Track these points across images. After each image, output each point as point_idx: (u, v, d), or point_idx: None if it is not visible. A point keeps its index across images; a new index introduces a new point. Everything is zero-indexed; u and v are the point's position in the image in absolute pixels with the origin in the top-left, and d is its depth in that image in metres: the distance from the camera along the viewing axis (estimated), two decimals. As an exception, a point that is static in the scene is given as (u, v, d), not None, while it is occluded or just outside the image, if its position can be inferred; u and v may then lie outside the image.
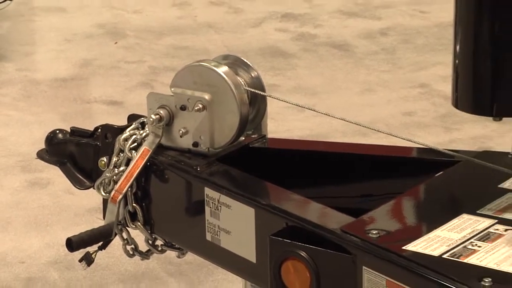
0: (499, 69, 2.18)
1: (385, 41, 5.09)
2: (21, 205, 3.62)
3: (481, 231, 2.18)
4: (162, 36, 5.23)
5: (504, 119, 2.23)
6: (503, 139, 2.32)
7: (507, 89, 2.18)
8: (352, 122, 2.77)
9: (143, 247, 2.71)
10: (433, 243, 2.15)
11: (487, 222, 2.21)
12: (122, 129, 2.67)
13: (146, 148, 2.60)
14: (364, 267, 2.16)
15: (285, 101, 2.85)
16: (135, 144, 2.63)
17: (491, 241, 2.14)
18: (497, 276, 2.02)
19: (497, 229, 2.19)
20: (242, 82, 2.58)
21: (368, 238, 2.18)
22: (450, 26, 2.24)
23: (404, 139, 2.66)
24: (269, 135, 2.69)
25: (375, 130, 2.84)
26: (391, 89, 4.53)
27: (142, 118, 2.66)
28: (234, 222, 2.44)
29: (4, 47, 5.11)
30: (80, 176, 2.80)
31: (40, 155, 2.87)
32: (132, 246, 2.70)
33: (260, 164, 2.59)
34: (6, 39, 5.21)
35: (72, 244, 2.60)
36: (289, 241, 2.25)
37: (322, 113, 2.87)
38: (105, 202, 2.66)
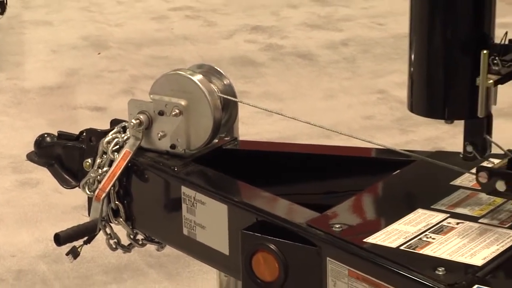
0: (450, 76, 2.19)
1: (346, 51, 5.10)
2: (12, 203, 3.61)
3: (435, 225, 2.19)
4: (142, 47, 5.22)
5: (455, 121, 2.24)
6: (454, 140, 2.32)
7: (457, 94, 2.19)
8: (317, 125, 2.78)
9: (125, 241, 2.71)
10: (391, 236, 2.15)
11: (441, 216, 2.22)
12: (105, 133, 2.66)
13: (127, 150, 2.60)
14: (328, 258, 2.16)
15: (255, 107, 2.85)
16: (117, 146, 2.62)
17: (444, 234, 2.15)
18: (450, 265, 2.03)
19: (449, 223, 2.19)
20: (215, 89, 2.58)
21: (331, 232, 2.18)
22: (405, 37, 2.25)
23: (364, 140, 2.66)
24: (240, 138, 2.69)
25: (337, 132, 2.84)
26: (351, 95, 4.54)
27: (124, 123, 2.66)
28: (209, 217, 2.44)
29: (-4, 58, 5.10)
30: (67, 176, 2.79)
31: (30, 157, 2.86)
32: (115, 240, 2.70)
33: (232, 164, 2.59)
34: (-3, 51, 5.20)
35: (60, 239, 2.60)
36: (260, 235, 2.25)
37: (289, 117, 2.87)
38: (90, 200, 2.66)
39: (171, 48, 5.21)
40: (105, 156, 2.63)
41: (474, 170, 2.18)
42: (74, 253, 2.67)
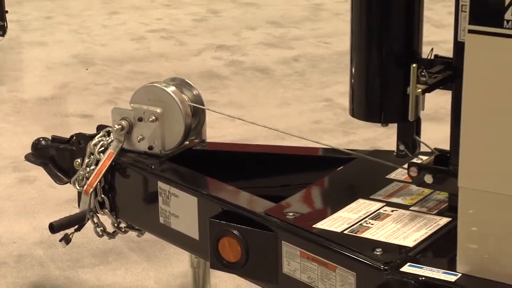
0: (385, 86, 2.19)
1: (297, 66, 5.09)
2: (12, 197, 3.58)
3: (373, 212, 2.19)
4: (123, 63, 5.20)
5: (389, 124, 2.25)
6: (389, 140, 2.33)
7: (391, 101, 2.19)
8: (273, 129, 2.78)
9: (110, 229, 2.70)
10: (336, 222, 2.15)
11: (378, 205, 2.22)
12: (92, 137, 2.66)
13: (111, 151, 2.59)
14: (283, 242, 2.15)
15: (220, 113, 2.84)
16: (103, 148, 2.62)
17: (381, 220, 2.15)
18: (386, 247, 2.03)
19: (385, 210, 2.20)
20: (186, 99, 2.58)
21: (285, 219, 2.18)
22: (347, 54, 2.25)
23: (313, 141, 2.66)
24: (208, 140, 2.69)
25: (290, 134, 2.84)
26: (302, 103, 4.53)
27: (108, 128, 2.64)
28: (181, 208, 2.43)
29: (-2, 73, 5.07)
30: (60, 174, 2.78)
31: (28, 157, 2.85)
32: (101, 228, 2.69)
33: (201, 162, 2.58)
34: (-1, 68, 5.17)
35: (54, 227, 2.60)
36: (225, 222, 2.25)
37: (249, 122, 2.87)
38: (79, 194, 2.66)
39: (148, 64, 5.18)
40: (92, 157, 2.62)
41: (405, 166, 2.19)
42: (67, 239, 2.67)
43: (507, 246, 1.84)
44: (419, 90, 2.08)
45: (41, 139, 2.82)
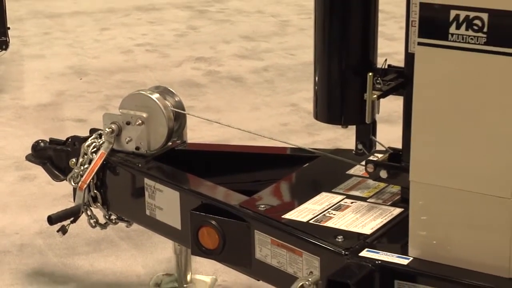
0: (345, 93, 2.20)
1: (267, 75, 5.09)
2: (15, 193, 3.56)
3: (335, 204, 2.19)
4: (113, 74, 5.18)
5: (349, 126, 2.25)
6: (349, 140, 2.33)
7: (350, 106, 2.19)
8: (246, 131, 2.77)
9: (102, 220, 2.69)
10: (302, 213, 2.15)
11: (339, 197, 2.23)
12: (86, 139, 2.65)
13: (102, 152, 2.58)
14: (255, 230, 2.15)
15: (199, 117, 2.84)
16: (95, 149, 2.61)
17: (342, 210, 2.15)
18: (347, 234, 2.03)
19: (346, 202, 2.20)
20: (169, 104, 2.57)
21: (258, 211, 2.18)
22: (311, 64, 2.25)
23: (281, 141, 2.66)
24: (188, 141, 2.68)
25: (261, 136, 2.84)
26: (271, 107, 4.53)
27: (100, 131, 2.63)
28: (165, 201, 2.42)
29: (1, 83, 5.04)
30: (57, 172, 2.76)
31: (28, 158, 2.84)
32: (94, 220, 2.68)
33: (182, 161, 2.57)
34: (2, 78, 5.14)
35: (52, 219, 2.59)
36: (204, 214, 2.25)
37: (225, 125, 2.87)
38: (74, 190, 2.65)
39: (135, 74, 5.17)
40: (86, 156, 2.61)
41: (363, 163, 2.19)
42: (63, 230, 2.66)
43: (453, 233, 1.85)
44: (375, 96, 2.09)
45: (40, 141, 2.81)
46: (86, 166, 2.60)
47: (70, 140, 2.72)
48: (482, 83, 1.74)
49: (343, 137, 3.76)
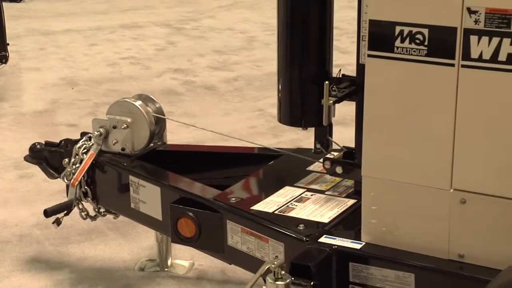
0: (305, 99, 2.20)
1: (237, 84, 5.09)
2: (14, 190, 3.52)
3: (297, 196, 2.19)
4: (101, 84, 5.14)
5: (309, 128, 2.25)
6: (309, 140, 2.33)
7: (309, 110, 2.20)
8: (218, 133, 2.77)
9: (92, 213, 2.67)
10: (268, 204, 2.14)
11: (300, 190, 2.23)
12: (77, 141, 2.63)
13: (92, 152, 2.57)
14: (227, 220, 2.15)
15: (177, 121, 2.83)
16: (85, 150, 2.59)
17: (303, 202, 2.15)
18: (307, 223, 2.03)
19: (306, 195, 2.20)
20: (151, 110, 2.57)
21: (229, 203, 2.17)
22: (275, 74, 2.25)
23: (249, 142, 2.66)
24: (168, 142, 2.67)
25: (232, 137, 2.84)
26: (241, 112, 4.53)
27: (89, 134, 2.61)
28: (148, 196, 2.41)
29: (1, 92, 4.99)
30: (52, 171, 2.74)
31: (26, 158, 2.81)
32: (85, 213, 2.66)
33: (163, 160, 2.56)
34: (2, 88, 5.10)
35: (47, 213, 2.57)
36: (182, 206, 2.24)
37: (200, 128, 2.87)
38: (67, 186, 2.63)
39: (120, 84, 5.14)
40: (77, 157, 2.59)
41: (321, 160, 2.19)
42: (58, 222, 2.63)
43: (399, 221, 1.85)
44: (331, 101, 2.09)
45: (36, 143, 2.78)
46: (77, 165, 2.58)
47: (63, 142, 2.69)
48: (423, 90, 1.75)
49: (304, 138, 3.76)
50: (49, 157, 2.73)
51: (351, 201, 2.14)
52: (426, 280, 1.81)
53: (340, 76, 2.17)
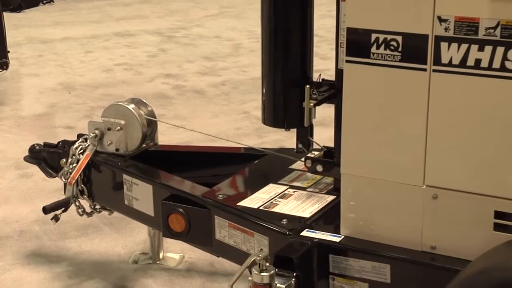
0: (287, 102, 2.20)
1: (224, 88, 5.08)
2: (15, 188, 3.50)
3: (281, 193, 2.19)
4: (97, 88, 5.12)
5: (291, 129, 2.25)
6: (291, 140, 2.34)
7: (291, 113, 2.19)
8: (206, 134, 2.76)
9: (88, 210, 2.66)
10: (254, 201, 2.14)
11: (284, 187, 2.22)
12: (74, 142, 2.62)
13: (88, 153, 2.56)
14: (215, 216, 2.14)
15: (168, 123, 2.82)
16: (82, 150, 2.58)
17: (286, 198, 2.15)
18: (290, 218, 2.03)
19: (289, 191, 2.20)
20: (143, 113, 2.56)
21: (217, 200, 2.17)
22: (259, 79, 2.25)
23: (236, 142, 2.66)
24: (160, 143, 2.66)
25: (219, 138, 2.83)
26: (228, 115, 4.52)
27: (85, 136, 2.60)
28: (140, 193, 2.40)
29: (2, 97, 4.97)
30: (50, 170, 2.73)
31: (26, 159, 2.79)
32: (82, 209, 2.65)
33: (155, 160, 2.55)
34: (3, 93, 5.07)
35: (46, 209, 2.56)
36: (173, 203, 2.23)
37: (189, 129, 2.86)
38: (65, 185, 2.61)
39: (114, 88, 5.12)
40: (74, 157, 2.58)
41: (303, 159, 2.19)
42: (56, 218, 2.63)
43: (376, 215, 1.86)
44: (311, 104, 2.09)
45: (36, 144, 2.77)
46: (74, 165, 2.57)
47: (60, 143, 2.68)
48: (397, 93, 1.75)
49: (287, 138, 3.76)
50: (47, 157, 2.72)
51: (330, 197, 2.14)
52: (400, 270, 1.82)
53: (320, 80, 2.17)
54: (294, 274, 1.81)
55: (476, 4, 1.62)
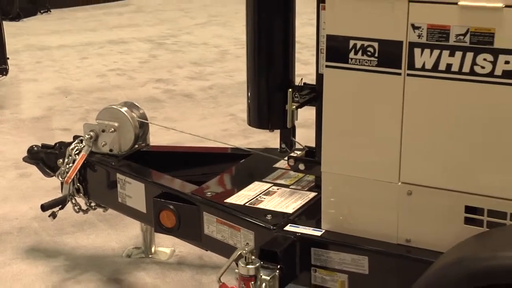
0: (271, 104, 2.20)
1: (212, 92, 5.07)
2: (15, 187, 3.48)
3: (265, 190, 2.18)
4: (92, 92, 5.10)
5: (275, 130, 2.25)
6: (275, 141, 2.34)
7: (275, 115, 2.19)
8: (195, 135, 2.76)
9: (84, 207, 2.64)
10: (240, 197, 2.14)
11: (268, 185, 2.22)
12: (70, 143, 2.60)
13: (83, 154, 2.54)
14: (204, 212, 2.14)
15: (159, 125, 2.81)
16: (78, 151, 2.56)
17: (270, 195, 2.14)
18: (274, 213, 2.03)
19: (273, 189, 2.19)
20: (135, 116, 2.55)
21: (205, 197, 2.16)
22: (245, 83, 2.25)
23: (223, 143, 2.65)
24: (151, 144, 2.65)
25: (207, 139, 2.82)
26: (215, 117, 4.51)
27: (81, 137, 2.59)
28: (133, 191, 2.39)
29: (2, 101, 4.93)
30: (48, 170, 2.71)
31: (25, 159, 2.77)
32: (78, 207, 2.63)
33: (147, 159, 2.54)
34: (3, 97, 5.04)
35: (44, 207, 2.54)
36: (164, 200, 2.23)
37: (179, 131, 2.85)
38: (62, 184, 2.60)
39: (108, 92, 5.10)
40: (70, 157, 2.56)
41: (286, 158, 2.19)
42: (54, 215, 2.60)
43: (354, 210, 1.86)
44: (294, 106, 2.09)
45: (34, 146, 2.75)
46: (70, 165, 2.55)
47: (57, 144, 2.67)
48: (374, 96, 1.75)
49: (271, 139, 3.76)
50: (45, 157, 2.70)
51: (312, 194, 2.14)
52: (378, 262, 1.82)
53: (302, 84, 2.16)
54: (278, 266, 1.81)
55: (447, 13, 1.62)
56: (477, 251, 1.52)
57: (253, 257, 1.79)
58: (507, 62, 1.59)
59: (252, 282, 1.77)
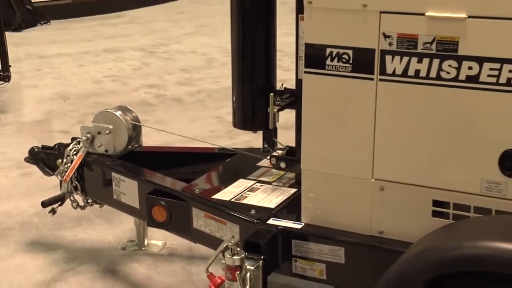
0: (254, 107, 2.20)
1: (200, 96, 5.07)
2: (17, 185, 3.46)
3: (249, 187, 2.18)
4: (88, 97, 5.07)
5: (258, 131, 2.25)
6: (258, 141, 2.34)
7: (258, 117, 2.19)
8: (185, 136, 2.75)
9: (81, 203, 2.63)
10: (226, 194, 2.14)
11: (252, 182, 2.22)
12: (68, 145, 2.59)
13: (81, 154, 2.53)
14: (193, 207, 2.13)
15: (151, 128, 2.80)
16: (75, 152, 2.55)
17: (254, 191, 2.15)
18: (258, 208, 2.03)
19: (257, 185, 2.19)
20: (129, 119, 2.54)
21: (194, 193, 2.16)
22: (230, 88, 2.24)
23: (210, 143, 2.65)
24: (144, 144, 2.64)
25: (196, 140, 2.82)
26: (203, 120, 4.51)
27: (79, 139, 2.57)
28: (127, 188, 2.38)
29: (6, 106, 4.90)
30: (48, 170, 2.69)
31: (26, 159, 2.76)
32: (76, 203, 2.62)
33: (139, 159, 2.53)
34: (6, 102, 5.01)
35: (44, 204, 2.53)
36: (155, 197, 2.22)
37: (170, 132, 2.84)
38: (61, 182, 2.58)
39: (104, 97, 5.08)
40: (68, 158, 2.55)
41: (269, 157, 2.19)
42: (53, 211, 2.59)
43: (332, 205, 1.86)
44: (275, 109, 2.09)
45: (35, 147, 2.73)
46: (69, 164, 2.54)
47: (57, 146, 2.65)
48: (349, 99, 1.76)
49: (254, 139, 3.76)
50: (45, 158, 2.69)
51: (293, 190, 2.14)
52: (353, 252, 1.82)
53: (283, 89, 2.17)
54: (262, 257, 1.81)
55: (415, 23, 1.63)
56: (444, 241, 1.54)
57: (238, 248, 1.79)
58: (470, 68, 1.60)
59: (238, 272, 1.77)
